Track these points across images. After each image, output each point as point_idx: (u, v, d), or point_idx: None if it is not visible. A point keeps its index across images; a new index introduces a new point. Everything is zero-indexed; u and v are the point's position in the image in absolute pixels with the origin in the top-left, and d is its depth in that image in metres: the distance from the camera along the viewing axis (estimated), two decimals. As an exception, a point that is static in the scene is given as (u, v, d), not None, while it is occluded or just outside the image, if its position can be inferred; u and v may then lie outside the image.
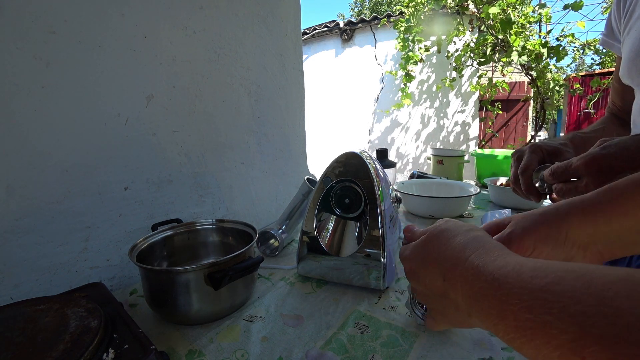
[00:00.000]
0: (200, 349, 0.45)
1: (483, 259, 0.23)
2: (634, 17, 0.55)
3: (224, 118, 0.85)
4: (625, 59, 0.56)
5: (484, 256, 0.24)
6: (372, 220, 0.57)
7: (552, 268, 0.18)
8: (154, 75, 0.69)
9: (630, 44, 0.54)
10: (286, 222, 0.78)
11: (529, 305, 0.17)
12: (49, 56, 0.54)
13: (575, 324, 0.15)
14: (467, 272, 0.24)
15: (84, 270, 0.60)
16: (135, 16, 0.64)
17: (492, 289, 0.21)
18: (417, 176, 1.31)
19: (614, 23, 0.64)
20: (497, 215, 0.84)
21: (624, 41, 0.57)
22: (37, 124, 0.54)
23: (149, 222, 0.68)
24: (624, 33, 0.58)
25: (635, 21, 0.54)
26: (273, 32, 0.98)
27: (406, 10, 3.32)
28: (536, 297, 0.18)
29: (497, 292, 0.20)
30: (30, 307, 0.39)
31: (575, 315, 0.15)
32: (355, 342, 0.45)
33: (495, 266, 0.22)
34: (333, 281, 0.61)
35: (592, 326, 0.14)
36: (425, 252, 0.31)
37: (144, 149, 0.69)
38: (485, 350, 0.43)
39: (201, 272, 0.47)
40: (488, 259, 0.23)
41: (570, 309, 0.16)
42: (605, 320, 0.14)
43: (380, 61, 4.51)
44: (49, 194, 0.56)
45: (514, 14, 2.71)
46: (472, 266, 0.24)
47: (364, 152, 0.64)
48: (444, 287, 0.27)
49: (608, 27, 0.66)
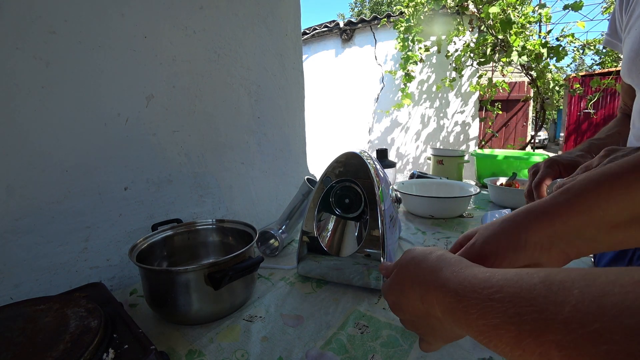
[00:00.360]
0: (200, 349, 0.45)
1: (447, 275, 0.26)
2: (634, 16, 0.55)
3: (224, 118, 0.85)
4: (626, 59, 0.56)
5: (448, 273, 0.27)
6: (372, 220, 0.57)
7: (495, 278, 0.22)
8: (154, 75, 0.69)
9: (630, 43, 0.54)
10: (286, 222, 0.78)
11: (483, 313, 0.21)
12: (49, 56, 0.54)
13: (513, 324, 0.19)
14: (438, 290, 0.26)
15: (84, 270, 0.60)
16: (135, 16, 0.64)
17: (456, 302, 0.24)
18: (417, 176, 1.31)
19: (617, 22, 0.64)
20: (497, 215, 0.84)
21: (625, 40, 0.57)
22: (37, 124, 0.54)
23: (149, 222, 0.68)
24: (624, 32, 0.58)
25: (636, 20, 0.54)
26: (273, 32, 0.98)
27: (406, 10, 3.32)
28: (485, 305, 0.21)
29: (460, 305, 0.23)
30: (30, 307, 0.39)
31: (512, 316, 0.19)
32: (355, 342, 0.45)
33: (457, 281, 0.25)
34: (333, 281, 0.61)
35: (524, 323, 0.18)
36: (401, 283, 0.33)
37: (144, 149, 0.69)
38: (485, 350, 0.43)
39: (201, 272, 0.47)
40: (451, 275, 0.26)
41: (509, 312, 0.19)
42: (533, 316, 0.18)
43: (380, 61, 4.51)
44: (49, 194, 0.56)
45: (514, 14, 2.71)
46: (440, 284, 0.26)
47: (364, 152, 0.64)
48: (424, 308, 0.29)
49: (611, 27, 0.66)
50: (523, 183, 1.19)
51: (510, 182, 1.19)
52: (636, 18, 0.54)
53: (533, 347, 0.17)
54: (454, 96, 4.05)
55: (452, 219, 1.00)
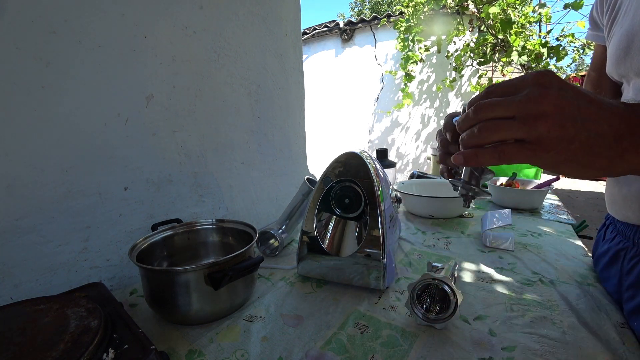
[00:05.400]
0: (200, 349, 0.45)
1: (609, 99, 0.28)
2: (621, 12, 0.54)
3: (224, 118, 0.85)
4: (612, 55, 0.55)
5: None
6: (372, 220, 0.57)
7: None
8: (154, 75, 0.69)
9: (617, 41, 0.53)
10: (286, 222, 0.78)
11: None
12: (49, 56, 0.54)
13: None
14: (617, 109, 0.28)
15: (84, 270, 0.60)
16: (135, 16, 0.64)
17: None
18: (417, 176, 1.31)
19: (596, 17, 0.64)
20: (497, 215, 0.84)
21: (611, 37, 0.56)
22: (37, 124, 0.54)
23: (149, 222, 0.68)
24: (608, 28, 0.58)
25: (623, 17, 0.53)
26: (273, 32, 0.98)
27: (406, 10, 3.33)
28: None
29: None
30: (30, 307, 0.39)
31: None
32: (355, 342, 0.45)
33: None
34: (333, 281, 0.61)
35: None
36: (578, 92, 0.29)
37: (144, 149, 0.69)
38: (485, 350, 0.43)
39: (201, 272, 0.47)
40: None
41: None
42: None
43: (380, 61, 4.51)
44: (49, 194, 0.56)
45: (514, 14, 2.71)
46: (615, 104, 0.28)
47: (364, 152, 0.64)
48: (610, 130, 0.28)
49: (592, 22, 0.66)
50: (523, 183, 1.19)
51: (510, 182, 1.19)
52: (623, 14, 0.53)
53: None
54: (454, 96, 4.05)
55: (452, 219, 1.00)
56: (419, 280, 0.49)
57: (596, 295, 0.56)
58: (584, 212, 3.88)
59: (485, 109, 0.31)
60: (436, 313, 0.48)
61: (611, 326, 0.48)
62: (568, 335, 0.46)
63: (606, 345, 0.44)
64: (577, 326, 0.48)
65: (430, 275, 0.48)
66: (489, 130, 0.31)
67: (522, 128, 0.29)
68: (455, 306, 0.46)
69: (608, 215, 0.65)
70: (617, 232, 0.59)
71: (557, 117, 0.28)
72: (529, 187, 1.15)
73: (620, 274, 0.55)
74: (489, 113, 0.31)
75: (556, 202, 1.23)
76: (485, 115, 0.31)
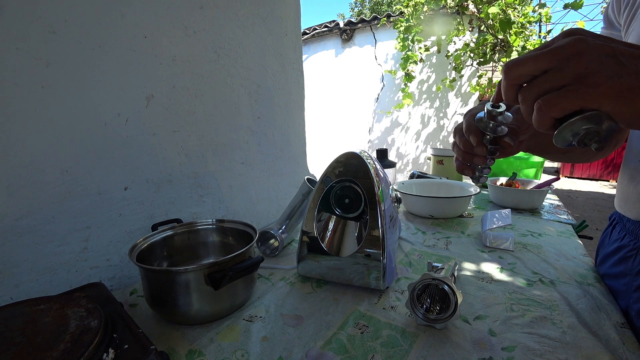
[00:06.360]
0: (200, 349, 0.45)
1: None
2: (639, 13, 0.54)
3: (224, 118, 0.85)
4: None
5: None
6: (372, 220, 0.57)
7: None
8: (154, 75, 0.69)
9: (636, 38, 0.52)
10: (286, 222, 0.78)
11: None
12: (49, 56, 0.54)
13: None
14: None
15: (84, 270, 0.60)
16: (135, 16, 0.64)
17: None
18: (417, 176, 1.31)
19: (611, 15, 0.63)
20: (497, 215, 0.84)
21: (629, 34, 0.56)
22: (37, 124, 0.54)
23: (149, 222, 0.68)
24: (626, 25, 0.57)
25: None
26: (273, 32, 0.98)
27: (406, 10, 3.32)
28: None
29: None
30: (30, 307, 0.39)
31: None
32: (355, 342, 0.45)
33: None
34: (333, 281, 0.61)
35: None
36: (613, 40, 0.28)
37: (144, 149, 0.69)
38: (485, 350, 0.43)
39: (201, 272, 0.47)
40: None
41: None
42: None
43: (381, 61, 4.51)
44: (49, 194, 0.56)
45: (513, 14, 2.71)
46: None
47: (364, 152, 0.64)
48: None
49: (606, 21, 0.66)
50: (523, 183, 1.19)
51: (510, 182, 1.19)
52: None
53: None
54: (454, 96, 4.05)
55: (452, 219, 1.00)
56: (419, 280, 0.49)
57: (596, 295, 0.56)
58: (584, 212, 3.88)
59: (517, 65, 0.30)
60: (436, 313, 0.48)
61: (611, 326, 0.48)
62: (568, 335, 0.46)
63: (606, 345, 0.44)
64: (577, 326, 0.48)
65: (430, 275, 0.48)
66: (526, 92, 0.30)
67: (557, 74, 0.28)
68: (455, 306, 0.46)
69: (613, 214, 0.64)
70: (627, 232, 0.58)
71: (593, 53, 0.26)
72: (529, 187, 1.15)
73: (629, 274, 0.54)
74: (520, 69, 0.30)
75: (556, 202, 1.23)
76: (517, 71, 0.30)
